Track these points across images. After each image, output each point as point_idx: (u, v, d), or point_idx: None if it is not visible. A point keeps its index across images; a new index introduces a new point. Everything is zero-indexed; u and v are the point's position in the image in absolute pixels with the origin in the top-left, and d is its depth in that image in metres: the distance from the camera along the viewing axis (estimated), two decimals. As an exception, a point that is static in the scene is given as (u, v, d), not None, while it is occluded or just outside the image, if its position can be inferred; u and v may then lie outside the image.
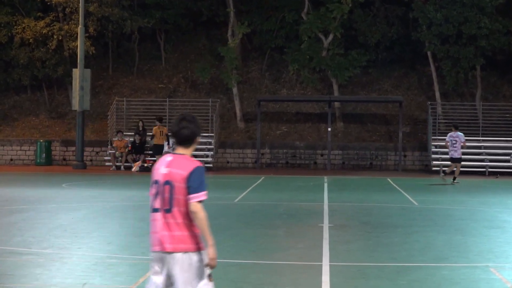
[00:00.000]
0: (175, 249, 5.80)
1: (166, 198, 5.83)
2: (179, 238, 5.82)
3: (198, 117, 37.61)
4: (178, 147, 5.98)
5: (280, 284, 9.36)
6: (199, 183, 5.90)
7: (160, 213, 5.85)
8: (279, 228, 14.81)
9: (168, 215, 5.83)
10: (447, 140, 27.40)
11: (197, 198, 5.89)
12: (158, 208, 5.86)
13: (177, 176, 5.84)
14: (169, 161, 5.91)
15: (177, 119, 5.99)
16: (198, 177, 5.91)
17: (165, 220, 5.83)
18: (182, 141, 5.96)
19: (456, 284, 9.51)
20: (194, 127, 5.97)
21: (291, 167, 37.05)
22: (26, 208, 17.31)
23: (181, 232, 5.83)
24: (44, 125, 39.33)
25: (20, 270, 9.91)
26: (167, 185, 5.83)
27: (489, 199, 21.81)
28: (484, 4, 36.30)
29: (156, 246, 5.87)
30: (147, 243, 12.30)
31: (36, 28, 38.10)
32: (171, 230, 5.82)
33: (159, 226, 5.85)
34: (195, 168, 5.90)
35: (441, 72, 38.30)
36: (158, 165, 5.96)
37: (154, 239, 5.90)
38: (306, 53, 38.38)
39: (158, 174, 5.91)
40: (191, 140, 5.97)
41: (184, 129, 5.93)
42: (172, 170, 5.86)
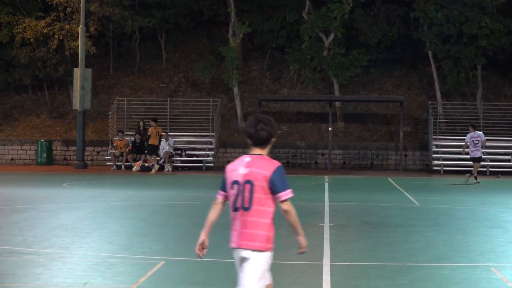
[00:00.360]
0: (248, 246, 6.07)
1: (246, 197, 6.04)
2: (254, 236, 6.06)
3: (199, 116, 37.80)
4: (254, 148, 6.14)
5: (281, 284, 9.35)
6: (283, 182, 6.04)
7: (239, 211, 6.08)
8: (279, 227, 14.73)
9: (247, 213, 6.05)
10: (467, 141, 27.25)
11: (285, 196, 6.07)
12: (238, 207, 6.08)
13: (259, 175, 6.01)
14: (248, 161, 6.08)
15: (253, 121, 6.14)
16: (281, 176, 6.05)
17: (244, 218, 6.06)
18: (259, 142, 6.12)
19: (457, 284, 9.50)
20: (271, 129, 6.13)
21: (292, 166, 37.04)
22: (27, 208, 17.31)
23: (256, 231, 6.06)
24: (45, 125, 39.35)
25: (21, 270, 9.91)
26: (248, 184, 6.02)
27: (490, 199, 21.80)
28: (485, 4, 36.29)
29: (233, 242, 6.17)
30: (148, 243, 12.34)
31: (37, 28, 38.12)
32: (248, 228, 6.07)
33: (238, 223, 6.10)
34: (277, 168, 6.04)
35: (442, 72, 38.29)
36: (235, 166, 6.12)
37: (232, 236, 6.19)
38: (307, 53, 38.37)
39: (237, 174, 6.07)
40: (267, 141, 6.13)
41: (261, 131, 6.10)
42: (253, 170, 6.03)
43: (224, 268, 10.31)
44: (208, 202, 20.58)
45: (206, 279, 9.58)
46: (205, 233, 6.45)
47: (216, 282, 9.42)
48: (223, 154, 37.56)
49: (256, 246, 6.05)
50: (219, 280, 9.50)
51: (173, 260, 10.84)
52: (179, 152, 35.11)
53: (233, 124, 39.30)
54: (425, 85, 40.64)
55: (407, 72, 41.37)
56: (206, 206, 19.67)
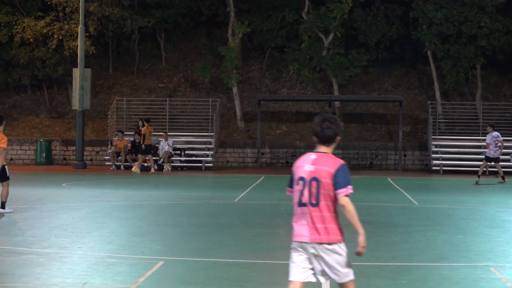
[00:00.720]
0: (320, 240, 6.30)
1: (314, 193, 6.31)
2: (325, 230, 6.32)
3: (198, 116, 37.79)
4: (320, 146, 6.43)
5: (280, 283, 9.35)
6: (345, 178, 6.35)
7: (307, 207, 6.31)
8: (279, 227, 14.81)
9: (315, 209, 6.31)
10: (488, 142, 27.30)
11: (345, 192, 6.34)
12: (305, 203, 6.32)
13: (324, 172, 6.31)
14: (313, 159, 6.38)
15: (319, 121, 6.44)
16: (344, 173, 6.35)
17: (312, 214, 6.31)
18: (325, 140, 6.42)
19: (456, 284, 9.51)
20: (336, 128, 6.43)
21: (291, 166, 37.00)
22: (27, 208, 17.31)
23: (326, 225, 6.33)
24: (44, 125, 39.34)
25: (20, 270, 9.91)
26: (314, 181, 6.31)
27: (489, 199, 21.81)
28: (484, 4, 36.30)
29: (301, 237, 6.34)
30: (147, 243, 12.34)
31: (36, 28, 38.11)
32: (317, 223, 6.31)
33: (306, 219, 6.33)
34: (340, 165, 6.36)
35: (441, 72, 38.30)
36: (301, 163, 6.42)
37: (300, 230, 6.35)
38: (306, 53, 38.37)
39: (303, 171, 6.37)
40: (332, 139, 6.43)
41: (327, 130, 6.40)
42: (318, 167, 6.33)
43: (223, 268, 10.31)
44: (208, 202, 20.61)
45: (206, 279, 9.58)
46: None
47: (216, 282, 9.42)
48: (222, 154, 37.56)
49: (330, 239, 6.34)
50: (219, 280, 9.50)
51: (172, 260, 10.84)
52: (178, 152, 35.10)
53: (232, 124, 39.31)
54: (424, 85, 40.65)
55: (406, 72, 41.38)
56: (205, 206, 19.73)
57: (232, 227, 14.76)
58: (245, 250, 11.98)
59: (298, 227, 6.38)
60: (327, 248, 6.34)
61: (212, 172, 33.34)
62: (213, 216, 16.55)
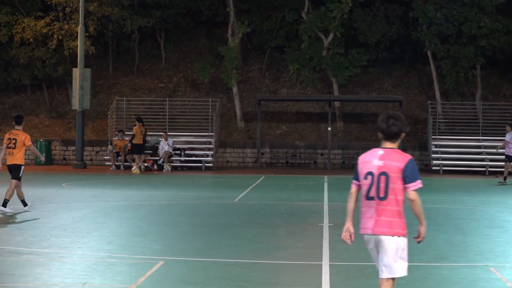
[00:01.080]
0: (386, 232, 6.57)
1: (382, 187, 6.56)
2: (391, 223, 6.57)
3: (198, 116, 37.79)
4: (385, 142, 6.74)
5: (280, 283, 9.35)
6: (414, 173, 6.57)
7: (375, 200, 6.58)
8: (279, 227, 14.81)
9: (382, 202, 6.56)
10: (508, 140, 27.29)
11: (414, 187, 6.59)
12: (373, 197, 6.58)
13: (393, 167, 6.57)
14: (381, 154, 6.66)
15: (384, 117, 6.75)
16: (413, 168, 6.58)
17: (379, 207, 6.57)
18: (390, 136, 6.72)
19: (456, 284, 9.51)
20: (401, 124, 6.71)
21: (291, 166, 37.05)
22: (27, 208, 17.29)
23: (393, 218, 6.58)
24: (44, 125, 39.34)
25: (20, 270, 9.91)
26: (383, 176, 6.56)
27: (489, 199, 21.81)
28: (484, 4, 36.30)
29: (368, 229, 6.63)
30: (147, 243, 12.34)
31: (36, 28, 38.12)
32: (384, 216, 6.57)
33: (374, 212, 6.60)
34: (409, 160, 6.60)
35: (441, 72, 38.30)
36: (368, 158, 6.71)
37: (367, 223, 6.64)
38: (306, 53, 38.38)
39: (372, 166, 6.64)
40: (398, 135, 6.71)
41: (393, 126, 6.69)
42: (387, 162, 6.60)
43: (223, 268, 10.31)
44: (208, 202, 20.61)
45: (206, 279, 9.58)
46: (348, 221, 6.84)
47: (216, 282, 9.42)
48: (222, 154, 37.56)
49: (394, 232, 6.56)
50: (219, 280, 9.50)
51: (172, 260, 10.84)
52: (178, 152, 35.10)
53: (232, 124, 39.31)
54: (424, 85, 40.65)
55: (406, 72, 41.38)
56: (205, 206, 19.71)
57: (232, 227, 14.76)
58: (245, 250, 11.98)
59: (365, 220, 6.66)
60: (390, 240, 6.57)
61: (212, 172, 33.34)
62: (213, 216, 16.55)
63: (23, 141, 16.25)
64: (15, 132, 16.39)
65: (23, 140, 16.25)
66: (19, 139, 16.26)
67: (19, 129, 16.50)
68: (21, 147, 16.29)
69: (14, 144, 16.25)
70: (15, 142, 16.25)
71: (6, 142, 16.39)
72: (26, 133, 16.51)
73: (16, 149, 16.26)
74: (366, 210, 6.65)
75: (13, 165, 16.28)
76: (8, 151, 16.34)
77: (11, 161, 16.30)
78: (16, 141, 16.23)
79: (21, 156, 16.37)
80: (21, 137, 16.27)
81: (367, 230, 6.63)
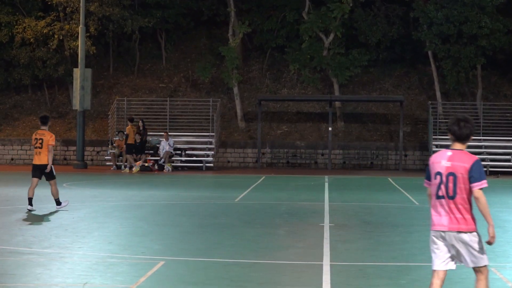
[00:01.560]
0: (458, 229, 6.97)
1: (450, 187, 6.99)
2: (461, 220, 6.98)
3: (199, 116, 37.79)
4: (455, 143, 7.08)
5: (281, 283, 9.36)
6: (479, 173, 6.95)
7: (444, 199, 7.02)
8: (279, 227, 14.81)
9: (451, 201, 7.00)
10: None
11: (479, 186, 6.98)
12: (442, 195, 7.02)
13: (461, 168, 6.96)
14: (450, 155, 7.04)
15: (455, 120, 7.07)
16: (479, 168, 6.96)
17: (449, 205, 7.00)
18: (461, 138, 7.07)
19: (457, 284, 9.51)
20: (471, 127, 7.10)
21: (291, 166, 37.05)
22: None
23: (462, 215, 6.99)
24: (45, 125, 39.30)
25: (21, 270, 9.91)
26: (451, 176, 6.98)
27: (489, 199, 21.69)
28: (484, 4, 36.30)
29: (439, 226, 7.04)
30: (148, 243, 12.34)
31: (37, 28, 38.12)
32: (454, 214, 6.99)
33: (443, 210, 7.03)
34: (475, 161, 6.97)
35: (441, 72, 38.30)
36: (438, 159, 7.09)
37: (438, 220, 7.05)
38: (306, 53, 38.37)
39: (440, 167, 7.05)
40: (468, 137, 7.09)
41: (464, 128, 7.05)
42: (455, 163, 6.99)
43: (223, 268, 10.31)
44: (208, 202, 20.57)
45: (206, 279, 9.58)
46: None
47: (216, 282, 9.42)
48: (223, 154, 37.57)
49: (466, 228, 6.96)
50: (219, 280, 9.50)
51: (172, 260, 10.84)
52: (179, 152, 35.11)
53: (233, 124, 39.31)
54: (424, 85, 40.65)
55: (407, 72, 41.38)
56: (206, 206, 19.70)
57: (232, 227, 14.77)
58: (245, 250, 11.98)
59: (436, 218, 7.07)
60: (463, 236, 6.94)
61: (213, 172, 33.34)
62: (213, 216, 16.55)
63: (48, 140, 16.71)
64: (41, 132, 16.84)
65: (48, 140, 16.71)
66: (45, 139, 16.70)
67: (45, 129, 16.93)
68: (47, 146, 16.71)
69: (40, 144, 16.69)
70: (41, 142, 16.69)
71: (33, 142, 16.84)
72: (51, 133, 16.96)
73: (43, 149, 16.67)
74: (437, 208, 7.06)
75: (42, 165, 16.72)
76: (35, 151, 16.77)
77: (39, 161, 16.74)
78: (42, 141, 16.68)
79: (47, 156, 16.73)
80: (47, 137, 16.72)
81: (441, 227, 7.02)
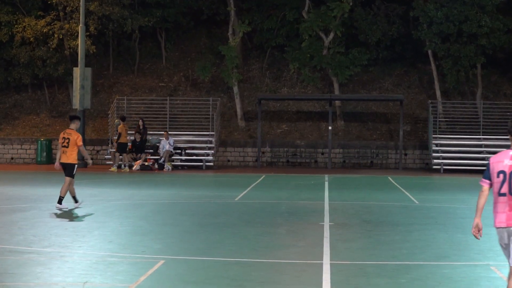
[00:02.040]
0: None
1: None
2: None
3: (199, 115, 37.78)
4: None
5: (281, 282, 9.36)
6: None
7: (507, 196, 7.23)
8: (280, 226, 14.81)
9: None
10: None
11: None
12: (504, 193, 7.24)
13: None
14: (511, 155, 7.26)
15: None
16: None
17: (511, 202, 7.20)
18: None
19: (457, 282, 9.51)
20: None
21: (291, 165, 37.05)
22: (27, 207, 17.32)
23: None
24: (44, 124, 39.35)
25: (21, 269, 9.92)
26: None
27: (489, 198, 21.77)
28: (484, 3, 36.30)
29: (502, 223, 7.25)
30: (148, 242, 12.35)
31: (37, 27, 38.12)
32: None
33: (506, 206, 7.24)
34: None
35: (441, 71, 38.30)
36: (500, 158, 7.32)
37: (501, 217, 7.27)
38: (306, 52, 38.37)
39: (503, 166, 7.27)
40: None
41: None
42: None
43: (223, 267, 10.32)
44: (208, 201, 20.59)
45: (206, 278, 9.58)
46: (478, 217, 7.54)
47: (216, 281, 9.43)
48: (223, 153, 37.57)
49: None
50: (219, 279, 9.51)
51: (172, 259, 10.84)
52: (179, 151, 35.11)
53: (233, 123, 39.31)
54: (424, 84, 40.65)
55: (406, 71, 41.38)
56: (206, 205, 19.70)
57: (232, 226, 14.77)
58: (246, 249, 11.99)
59: (499, 215, 7.28)
60: None
61: (213, 171, 33.35)
62: (213, 215, 16.56)
63: (75, 140, 17.15)
64: (69, 132, 17.31)
65: (75, 140, 17.15)
66: (72, 139, 17.17)
67: (73, 128, 17.41)
68: (73, 146, 17.17)
69: (67, 143, 17.15)
70: (68, 141, 17.15)
71: (61, 141, 17.31)
72: (78, 133, 17.41)
73: (69, 148, 17.15)
74: (499, 206, 7.29)
75: (67, 164, 17.19)
76: (62, 150, 17.22)
77: (66, 160, 17.20)
78: (69, 140, 17.14)
79: (75, 155, 17.25)
80: (73, 137, 17.17)
81: (501, 223, 7.24)
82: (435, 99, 38.37)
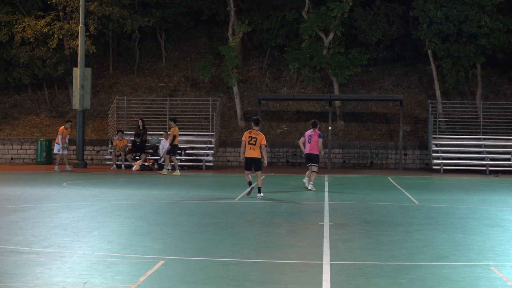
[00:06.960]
0: None
1: None
2: None
3: (199, 116, 37.77)
4: None
5: (281, 283, 9.36)
6: None
7: None
8: (279, 226, 14.81)
9: None
10: None
11: None
12: None
13: None
14: None
15: None
16: None
17: None
18: None
19: (457, 283, 9.51)
20: None
21: (291, 165, 37.05)
22: (27, 207, 17.31)
23: None
24: (44, 124, 39.35)
25: (21, 269, 9.91)
26: None
27: (489, 198, 21.80)
28: (484, 3, 36.31)
29: None
30: (148, 242, 12.35)
31: (37, 27, 38.13)
32: None
33: None
34: None
35: (441, 71, 38.31)
36: None
37: None
38: (306, 52, 38.38)
39: None
40: None
41: None
42: None
43: (223, 267, 10.31)
44: (208, 201, 20.59)
45: (206, 278, 9.58)
46: None
47: (216, 281, 9.42)
48: (223, 153, 37.57)
49: None
50: (219, 279, 9.50)
51: (172, 259, 10.84)
52: (179, 151, 35.11)
53: (232, 123, 39.31)
54: (424, 84, 40.66)
55: (406, 71, 41.39)
56: (206, 205, 19.71)
57: (232, 226, 14.77)
58: (246, 249, 11.98)
59: None
60: None
61: (213, 171, 33.34)
62: (213, 215, 16.55)
63: (261, 140, 20.34)
64: (255, 132, 20.41)
65: (261, 140, 20.35)
66: (259, 138, 20.32)
67: (257, 129, 20.52)
68: (259, 144, 20.31)
69: (254, 141, 20.33)
70: (255, 140, 20.32)
71: (248, 140, 20.33)
72: (263, 134, 20.47)
73: (256, 146, 20.32)
74: None
75: (255, 158, 20.41)
76: (250, 147, 20.32)
77: (252, 155, 20.37)
78: (256, 139, 20.32)
79: (258, 152, 20.36)
80: (260, 137, 20.33)
81: None
82: (435, 99, 38.38)
